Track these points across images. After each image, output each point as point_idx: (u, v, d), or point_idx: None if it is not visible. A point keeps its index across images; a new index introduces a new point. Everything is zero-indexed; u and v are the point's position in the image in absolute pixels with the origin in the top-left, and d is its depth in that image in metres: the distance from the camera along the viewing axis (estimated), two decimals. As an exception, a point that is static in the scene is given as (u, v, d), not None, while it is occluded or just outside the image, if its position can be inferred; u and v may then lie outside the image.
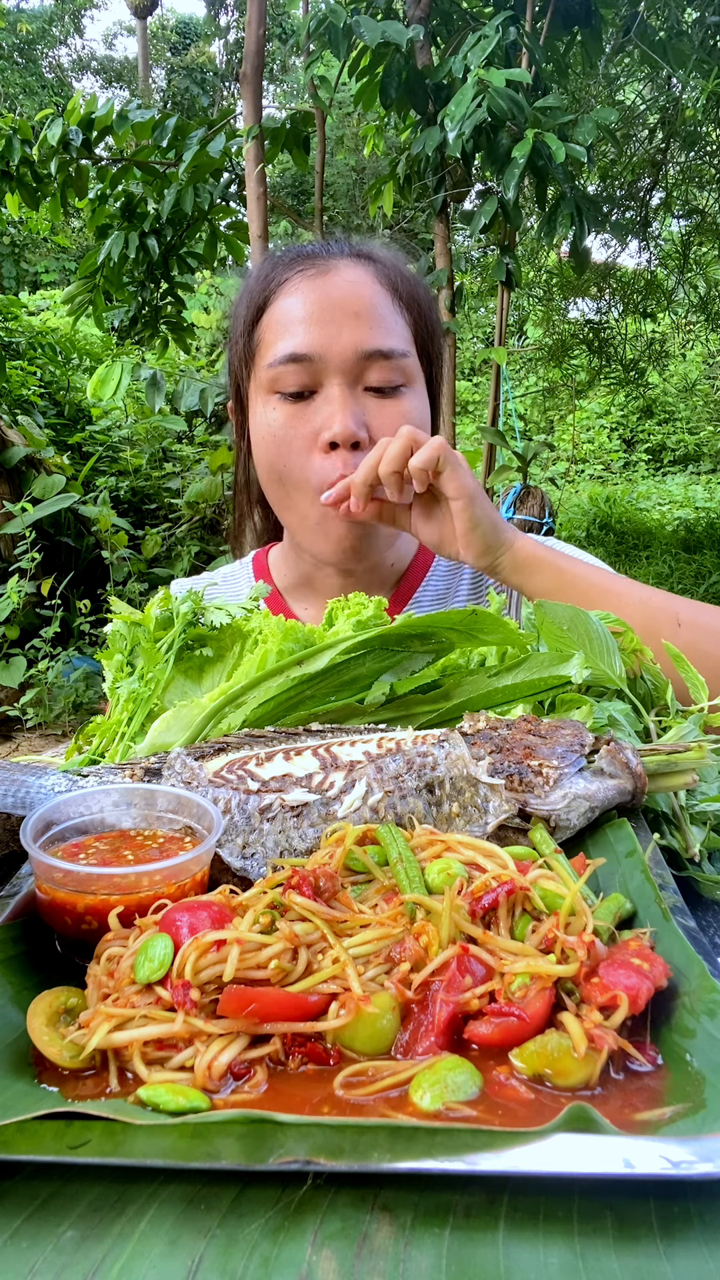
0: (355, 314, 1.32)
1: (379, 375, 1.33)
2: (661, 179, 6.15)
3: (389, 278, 1.39)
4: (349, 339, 1.31)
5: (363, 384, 1.33)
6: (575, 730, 0.84)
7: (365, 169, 10.99)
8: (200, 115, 6.52)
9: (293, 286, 1.36)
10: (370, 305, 1.34)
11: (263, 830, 0.76)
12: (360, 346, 1.31)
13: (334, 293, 1.33)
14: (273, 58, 16.29)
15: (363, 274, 1.37)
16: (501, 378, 5.10)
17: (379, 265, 1.40)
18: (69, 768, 0.89)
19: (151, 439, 8.32)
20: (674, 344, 8.28)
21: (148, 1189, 0.47)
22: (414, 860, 0.67)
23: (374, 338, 1.32)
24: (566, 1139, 0.46)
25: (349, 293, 1.34)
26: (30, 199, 5.25)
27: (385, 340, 1.33)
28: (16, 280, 11.01)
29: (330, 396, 1.32)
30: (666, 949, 0.62)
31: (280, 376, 1.33)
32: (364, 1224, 0.44)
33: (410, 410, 1.36)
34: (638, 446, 11.86)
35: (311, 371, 1.32)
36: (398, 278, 1.40)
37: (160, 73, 22.19)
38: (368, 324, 1.32)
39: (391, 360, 1.33)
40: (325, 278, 1.35)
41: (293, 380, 1.33)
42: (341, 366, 1.31)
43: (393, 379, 1.34)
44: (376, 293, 1.36)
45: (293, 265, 1.39)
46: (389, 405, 1.34)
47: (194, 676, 1.06)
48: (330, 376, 1.32)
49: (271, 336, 1.36)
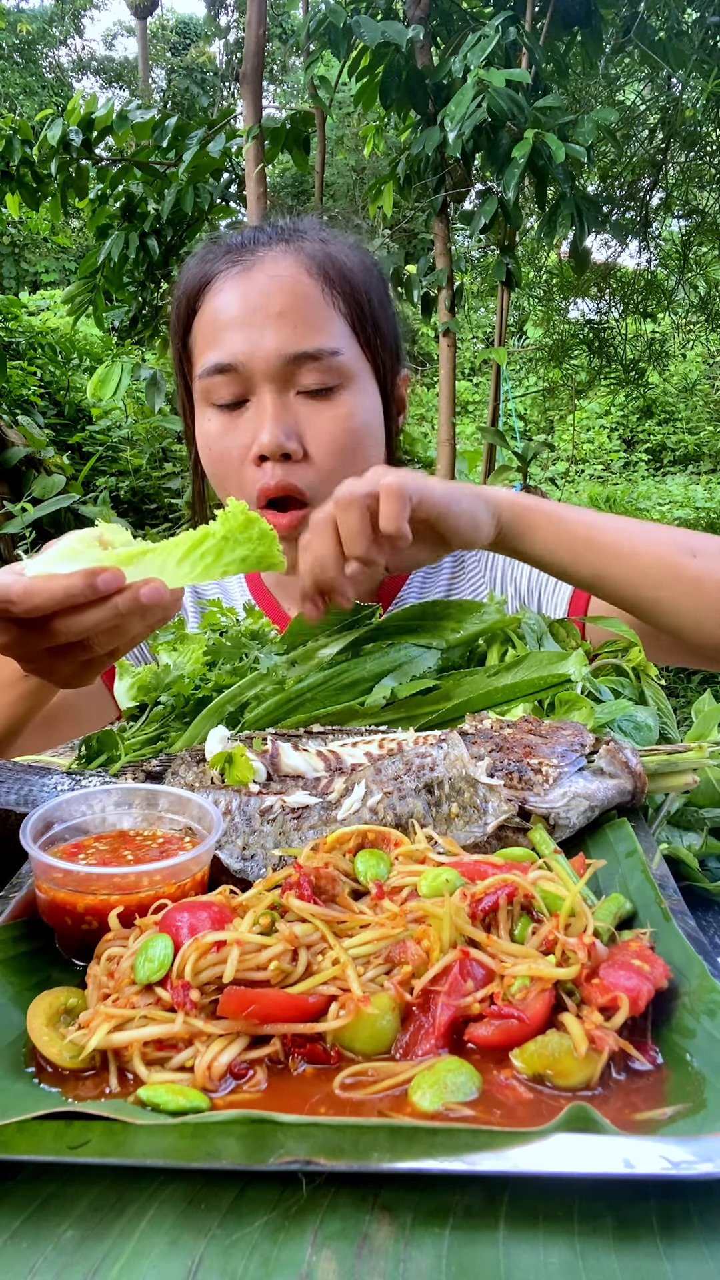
0: (279, 313, 1.24)
1: (310, 378, 1.25)
2: (661, 179, 6.14)
3: (318, 263, 1.28)
4: (272, 343, 1.23)
5: (295, 388, 1.26)
6: (575, 730, 0.84)
7: (365, 169, 10.98)
8: (200, 115, 6.53)
9: (217, 287, 1.29)
10: (295, 301, 1.25)
11: (263, 832, 0.76)
12: (285, 349, 1.23)
13: (256, 291, 1.25)
14: (273, 58, 16.29)
15: (288, 265, 1.27)
16: (501, 378, 5.09)
17: (308, 251, 1.29)
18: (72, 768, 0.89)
19: (151, 439, 8.32)
20: (674, 344, 8.27)
21: (148, 1189, 0.47)
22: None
23: (298, 339, 1.24)
24: (566, 1139, 0.46)
25: (271, 289, 1.25)
26: (30, 199, 5.25)
27: (312, 340, 1.24)
28: (16, 280, 11.00)
29: (261, 406, 1.25)
30: (666, 949, 0.62)
31: (211, 388, 1.27)
32: (364, 1224, 0.44)
33: (348, 411, 1.27)
34: (638, 447, 11.86)
35: (240, 380, 1.25)
36: (329, 263, 1.29)
37: (160, 73, 22.19)
38: (292, 323, 1.24)
39: (321, 360, 1.24)
40: (248, 275, 1.27)
41: (225, 391, 1.27)
42: (268, 373, 1.24)
43: (326, 380, 1.25)
44: (303, 285, 1.26)
45: (219, 261, 1.31)
46: (325, 409, 1.26)
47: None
48: (259, 384, 1.25)
49: (201, 345, 1.30)
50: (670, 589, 1.06)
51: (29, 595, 0.75)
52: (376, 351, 1.34)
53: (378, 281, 1.36)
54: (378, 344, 1.34)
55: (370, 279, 1.34)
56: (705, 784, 0.90)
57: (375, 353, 1.33)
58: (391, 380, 1.38)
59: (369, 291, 1.33)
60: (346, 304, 1.30)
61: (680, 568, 1.06)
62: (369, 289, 1.33)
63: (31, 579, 0.76)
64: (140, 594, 0.77)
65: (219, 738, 0.85)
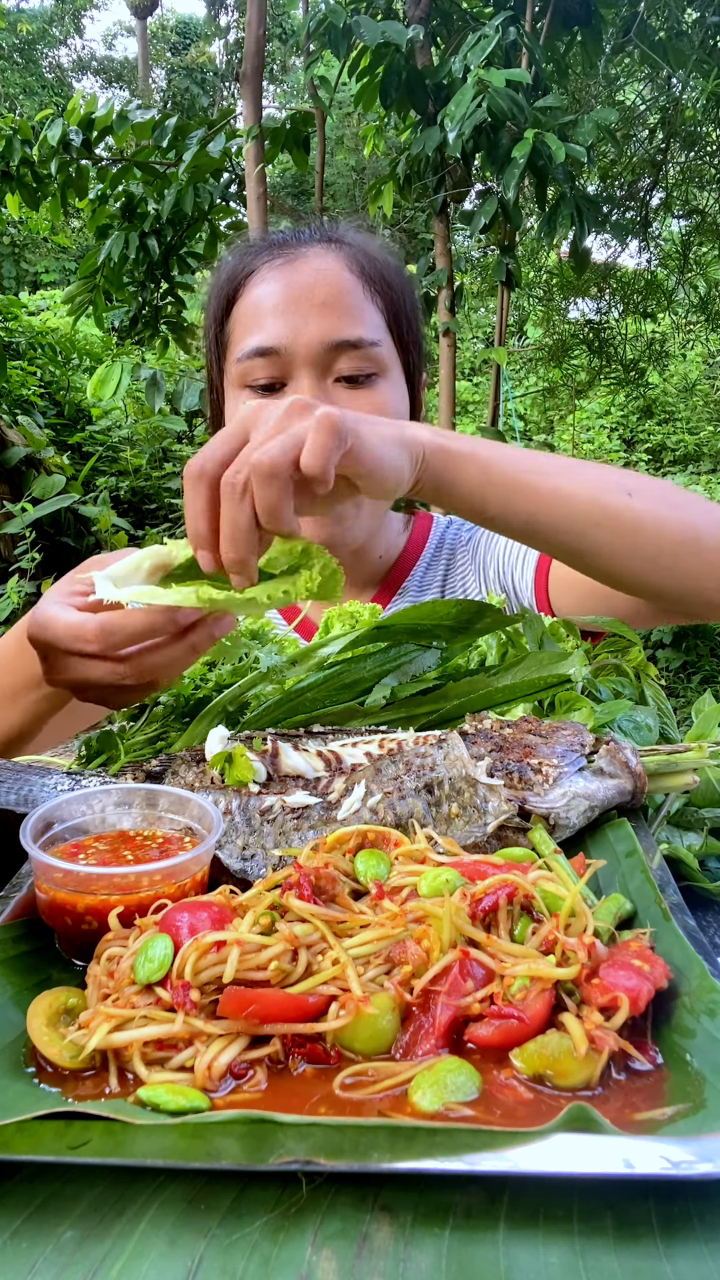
0: (322, 303, 1.29)
1: (349, 365, 1.29)
2: (661, 179, 6.14)
3: (359, 263, 1.35)
4: (316, 330, 1.28)
5: (333, 375, 1.30)
6: (575, 730, 0.84)
7: (365, 169, 10.98)
8: (200, 115, 6.52)
9: (260, 277, 1.34)
10: (338, 293, 1.30)
11: (263, 832, 0.76)
12: (327, 337, 1.28)
13: (300, 282, 1.31)
14: (273, 58, 16.28)
15: (331, 261, 1.33)
16: (501, 378, 5.09)
17: (349, 250, 1.36)
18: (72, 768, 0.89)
19: (151, 439, 8.32)
20: (674, 344, 8.26)
21: (148, 1189, 0.47)
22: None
23: (341, 327, 1.29)
24: (566, 1139, 0.46)
25: (315, 281, 1.30)
26: (30, 199, 5.25)
27: (353, 329, 1.29)
28: (16, 280, 11.01)
29: (299, 389, 1.29)
30: (666, 949, 0.62)
31: (249, 370, 1.31)
32: (364, 1224, 0.44)
33: (384, 400, 1.31)
34: (638, 446, 11.84)
35: (280, 364, 1.30)
36: (368, 262, 1.36)
37: (160, 73, 22.19)
38: (335, 313, 1.29)
39: (361, 349, 1.30)
40: (292, 266, 1.32)
41: (262, 373, 1.31)
42: (309, 358, 1.28)
43: (363, 368, 1.30)
44: (345, 280, 1.32)
45: (261, 255, 1.36)
46: (361, 396, 1.30)
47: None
48: (299, 369, 1.29)
49: (240, 330, 1.34)
50: (607, 531, 0.99)
51: (107, 634, 0.73)
52: (408, 350, 1.39)
53: (410, 287, 1.43)
54: (409, 343, 1.39)
55: (404, 283, 1.41)
56: (705, 784, 0.90)
57: (407, 351, 1.39)
58: (418, 379, 1.43)
59: (403, 293, 1.39)
60: (384, 300, 1.36)
61: (618, 509, 0.99)
62: (404, 291, 1.39)
63: (105, 618, 0.73)
64: (215, 630, 0.77)
65: (219, 738, 0.85)
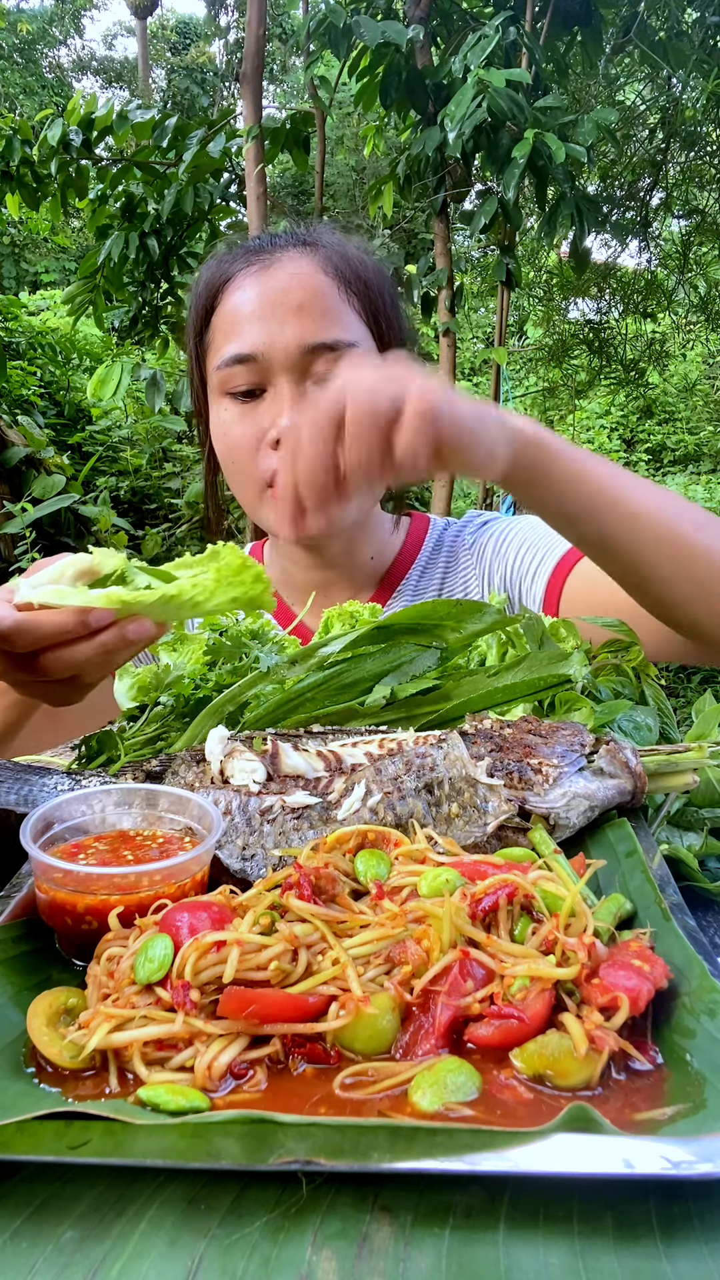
0: (297, 307, 1.30)
1: (327, 368, 1.30)
2: (661, 179, 6.15)
3: (334, 264, 1.36)
4: (292, 334, 1.29)
5: (311, 378, 1.31)
6: (575, 730, 0.84)
7: (365, 169, 10.98)
8: (200, 115, 6.52)
9: (236, 285, 1.35)
10: (313, 296, 1.31)
11: (263, 832, 0.76)
12: (304, 341, 1.29)
13: (275, 287, 1.32)
14: (273, 58, 16.27)
15: (306, 264, 1.34)
16: (501, 378, 5.09)
17: (324, 252, 1.37)
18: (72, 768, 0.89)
19: (151, 439, 8.32)
20: (674, 344, 8.27)
21: (148, 1189, 0.47)
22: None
23: (317, 330, 1.30)
24: (566, 1139, 0.46)
25: (290, 285, 1.31)
26: (30, 199, 5.25)
27: (329, 332, 1.30)
28: (16, 280, 11.01)
29: (278, 394, 1.31)
30: (666, 949, 0.62)
31: (229, 377, 1.33)
32: (364, 1224, 0.44)
33: None
34: (638, 447, 11.84)
35: (259, 370, 1.31)
36: (343, 263, 1.37)
37: (160, 73, 22.18)
38: (310, 317, 1.30)
39: (338, 352, 1.30)
40: (268, 272, 1.33)
41: (242, 380, 1.32)
42: (286, 363, 1.30)
43: None
44: (320, 282, 1.33)
45: (237, 262, 1.37)
46: None
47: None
48: (277, 374, 1.31)
49: (219, 338, 1.36)
50: (669, 559, 1.01)
51: (20, 633, 0.78)
52: (389, 348, 1.39)
53: (389, 284, 1.43)
54: (391, 341, 1.40)
55: (383, 281, 1.41)
56: (705, 784, 0.90)
57: (387, 349, 1.38)
58: None
59: (382, 292, 1.39)
60: (361, 302, 1.37)
61: (683, 539, 1.01)
62: (382, 290, 1.40)
63: (21, 617, 0.77)
64: (127, 631, 0.79)
65: (219, 738, 0.85)
